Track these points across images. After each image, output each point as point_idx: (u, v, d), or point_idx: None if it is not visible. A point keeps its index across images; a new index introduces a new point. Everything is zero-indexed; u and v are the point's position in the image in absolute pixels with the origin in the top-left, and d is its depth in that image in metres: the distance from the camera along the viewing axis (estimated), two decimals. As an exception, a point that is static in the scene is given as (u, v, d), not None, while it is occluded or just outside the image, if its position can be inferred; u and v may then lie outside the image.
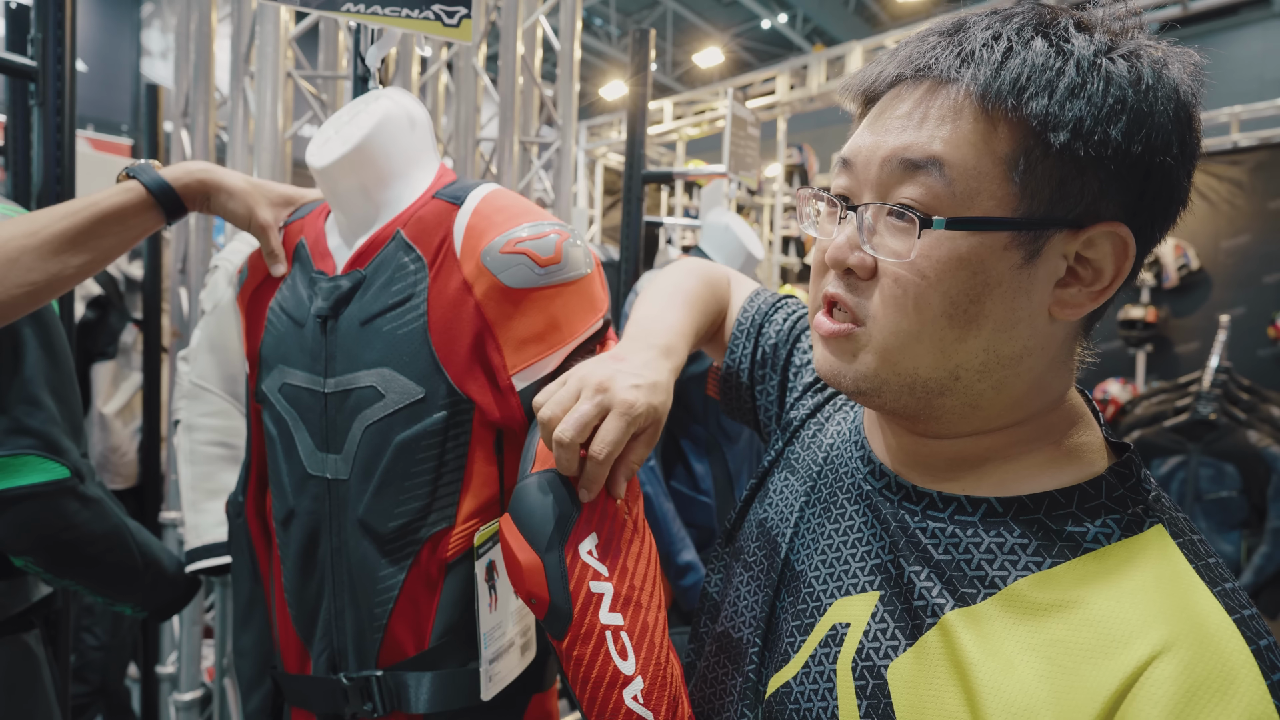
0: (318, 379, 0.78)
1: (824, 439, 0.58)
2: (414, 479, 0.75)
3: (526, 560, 0.55)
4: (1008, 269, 0.41)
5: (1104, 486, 0.43)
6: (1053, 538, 0.42)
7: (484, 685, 0.75)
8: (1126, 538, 0.41)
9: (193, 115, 1.58)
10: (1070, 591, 0.40)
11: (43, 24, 1.05)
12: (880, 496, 0.50)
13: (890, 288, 0.43)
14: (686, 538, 1.43)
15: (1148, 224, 0.42)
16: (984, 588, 0.42)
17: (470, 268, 0.74)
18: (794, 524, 0.55)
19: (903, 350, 0.44)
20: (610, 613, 0.55)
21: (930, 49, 0.43)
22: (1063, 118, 0.39)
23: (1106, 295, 0.43)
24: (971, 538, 0.44)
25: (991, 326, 0.42)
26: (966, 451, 0.47)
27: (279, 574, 0.85)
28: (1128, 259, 0.42)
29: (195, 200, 0.81)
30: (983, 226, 0.41)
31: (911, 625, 0.44)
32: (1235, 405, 2.44)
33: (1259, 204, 3.95)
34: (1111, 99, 0.39)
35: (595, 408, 0.53)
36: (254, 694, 0.91)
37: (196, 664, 1.60)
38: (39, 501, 0.82)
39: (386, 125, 0.78)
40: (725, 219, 1.55)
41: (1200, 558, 0.40)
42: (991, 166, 0.41)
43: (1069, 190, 0.40)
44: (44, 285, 0.71)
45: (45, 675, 0.94)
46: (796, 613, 0.51)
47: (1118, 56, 0.40)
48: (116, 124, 6.71)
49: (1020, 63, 0.40)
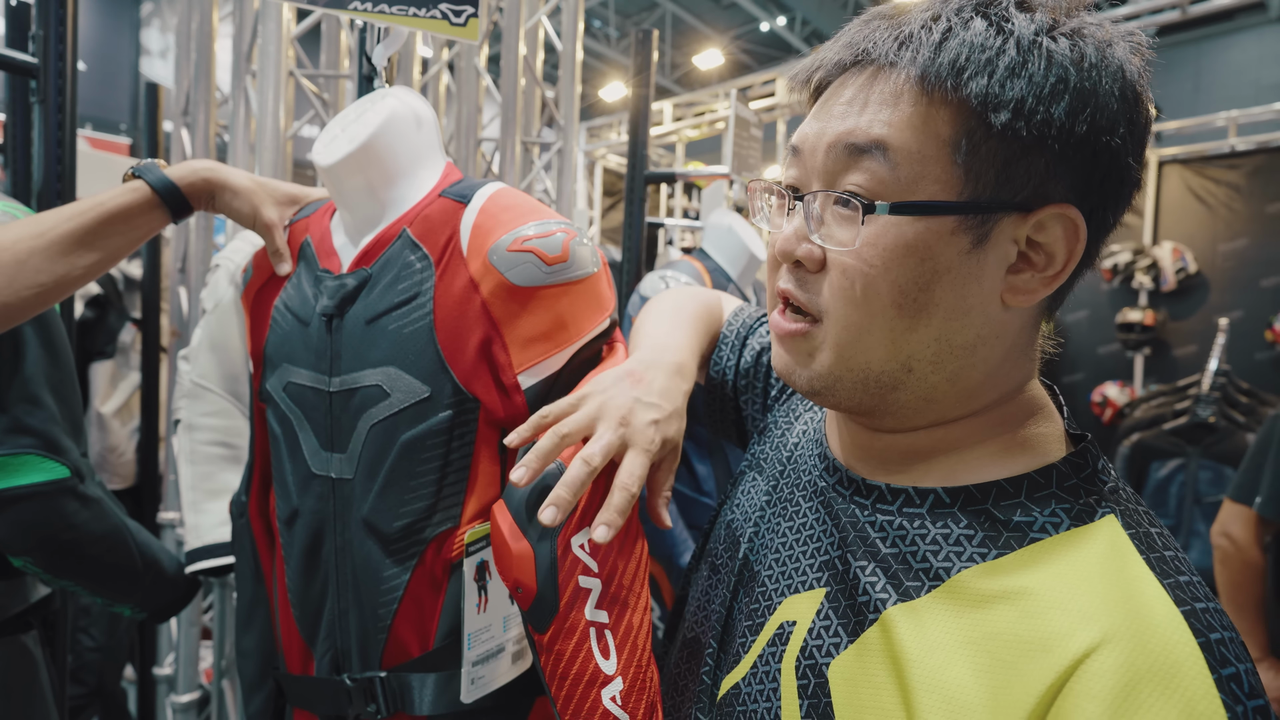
0: (323, 378, 0.78)
1: (790, 438, 0.58)
2: (419, 478, 0.75)
3: (517, 547, 0.54)
4: (956, 255, 0.40)
5: (1055, 475, 0.42)
6: (999, 528, 0.41)
7: (464, 687, 0.74)
8: (1076, 527, 0.40)
9: (193, 114, 1.58)
10: (1013, 582, 0.38)
11: (44, 21, 1.04)
12: (833, 492, 0.49)
13: (838, 279, 0.42)
14: (689, 539, 1.43)
15: (1099, 206, 0.41)
16: (928, 580, 0.41)
17: (477, 266, 0.73)
18: (754, 523, 0.55)
19: (855, 344, 0.43)
20: (596, 609, 0.54)
21: (870, 33, 0.43)
22: (1003, 97, 0.38)
23: (1059, 280, 0.42)
24: (918, 529, 0.43)
25: (942, 315, 0.41)
26: (920, 444, 0.46)
27: (282, 574, 0.85)
28: (1079, 242, 0.41)
29: (201, 199, 0.81)
30: (927, 211, 0.40)
31: (854, 622, 0.43)
32: (1234, 408, 2.45)
33: (1256, 208, 3.97)
34: (1053, 78, 0.38)
35: (619, 440, 0.55)
36: (256, 695, 0.91)
37: (194, 665, 1.59)
38: (39, 501, 0.81)
39: (393, 124, 0.78)
40: (728, 220, 1.55)
41: (1155, 550, 0.38)
42: (934, 150, 0.40)
43: (1014, 172, 0.40)
44: (52, 286, 0.71)
45: (43, 677, 0.93)
46: (749, 612, 0.51)
47: (1060, 35, 0.39)
48: (115, 123, 6.70)
49: (959, 43, 0.39)
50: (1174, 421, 2.47)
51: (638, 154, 1.57)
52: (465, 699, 0.75)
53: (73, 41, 1.06)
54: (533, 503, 0.55)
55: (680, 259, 1.55)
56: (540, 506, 0.52)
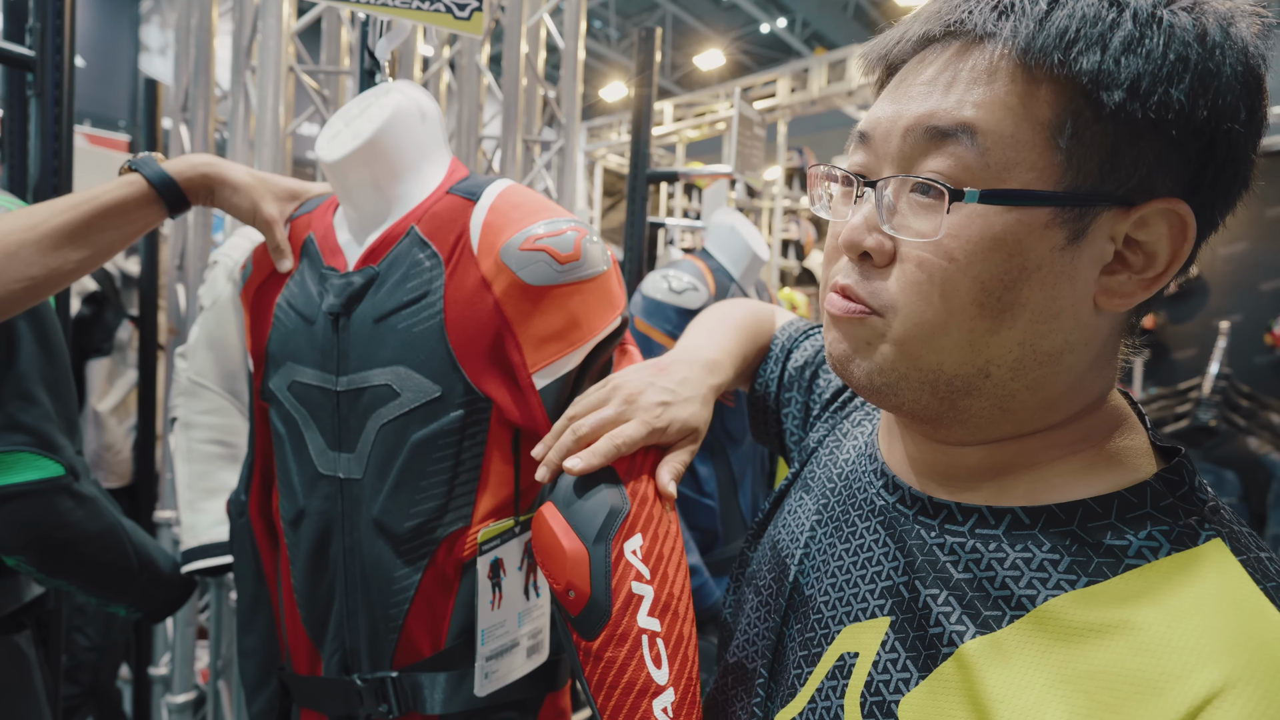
0: (329, 377, 0.77)
1: (840, 455, 0.54)
2: (430, 478, 0.75)
3: (572, 549, 0.53)
4: (1048, 251, 0.36)
5: (1149, 494, 0.37)
6: (1089, 552, 0.37)
7: (478, 681, 0.75)
8: (1178, 552, 0.35)
9: (192, 110, 1.57)
10: (1112, 614, 0.34)
11: (41, 13, 1.03)
12: (894, 512, 0.45)
13: (913, 273, 0.38)
14: (691, 541, 1.42)
15: (1209, 203, 0.37)
16: (1009, 609, 0.37)
17: (489, 265, 0.73)
18: (804, 544, 0.51)
19: (926, 343, 0.39)
20: (649, 617, 0.53)
21: (960, 3, 0.38)
22: (1118, 75, 0.34)
23: (1160, 283, 0.37)
24: (994, 553, 0.39)
25: (1029, 317, 0.37)
26: (992, 459, 0.42)
27: (287, 574, 0.84)
28: (1186, 242, 0.37)
29: (199, 194, 0.80)
30: (1022, 201, 0.36)
31: (925, 655, 0.39)
32: (1235, 412, 2.45)
33: (1257, 211, 3.97)
34: (1174, 55, 0.34)
35: (617, 415, 0.55)
36: (259, 695, 0.91)
37: (190, 665, 1.58)
38: (32, 499, 0.80)
39: (399, 119, 0.77)
40: (731, 220, 1.54)
41: (1270, 578, 0.34)
42: (1031, 134, 0.36)
43: (1122, 161, 0.36)
44: (43, 280, 0.70)
45: (36, 677, 0.92)
46: (804, 641, 0.48)
47: (1179, 9, 0.35)
48: (114, 119, 6.68)
49: (1068, 15, 0.35)
50: (1174, 425, 2.47)
51: (640, 152, 1.56)
52: (479, 693, 0.75)
53: (70, 34, 1.05)
54: (589, 504, 0.54)
55: (683, 258, 1.54)
56: (596, 508, 0.52)
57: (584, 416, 0.56)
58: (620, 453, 0.54)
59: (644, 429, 0.54)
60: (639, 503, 0.55)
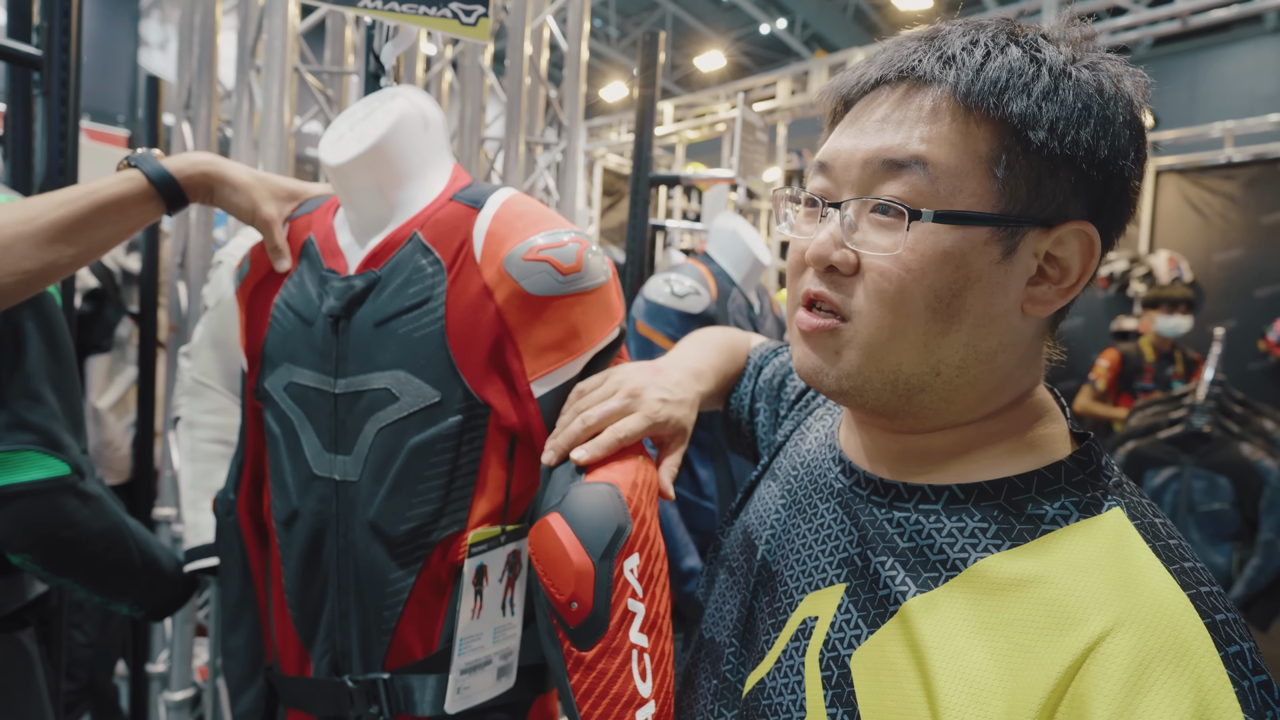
0: (327, 379, 0.77)
1: (804, 447, 0.60)
2: (427, 482, 0.75)
3: (580, 563, 0.55)
4: (987, 264, 0.43)
5: (1063, 471, 0.44)
6: (1012, 520, 0.43)
7: (450, 696, 0.74)
8: (1085, 518, 0.42)
9: (195, 108, 1.57)
10: (1028, 570, 0.41)
11: (49, 12, 1.03)
12: (851, 493, 0.51)
13: (876, 281, 0.44)
14: (690, 544, 1.43)
15: (1108, 226, 0.45)
16: (945, 570, 0.43)
17: (491, 273, 0.73)
18: (770, 526, 0.57)
19: (887, 346, 0.45)
20: (639, 633, 0.56)
21: (911, 52, 0.45)
22: (1040, 118, 0.42)
23: (1074, 293, 0.45)
24: (934, 524, 0.45)
25: (971, 321, 0.44)
26: (935, 445, 0.48)
27: (277, 575, 0.84)
28: (1094, 257, 0.44)
29: (198, 192, 0.80)
30: (968, 221, 0.43)
31: (874, 614, 0.45)
32: (1229, 418, 2.46)
33: (1252, 218, 3.99)
34: (1080, 104, 0.42)
35: (623, 407, 0.62)
36: (244, 694, 0.90)
37: (188, 663, 1.58)
38: (38, 498, 0.80)
39: (403, 125, 0.77)
40: (733, 224, 1.55)
41: (1160, 539, 0.41)
42: (972, 165, 0.43)
43: (1044, 189, 0.43)
44: (38, 273, 0.69)
45: (38, 674, 0.93)
46: (771, 611, 0.53)
47: (1082, 67, 0.43)
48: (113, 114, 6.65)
49: (999, 66, 0.42)
50: (1169, 430, 2.48)
51: (643, 155, 1.57)
52: (449, 709, 0.75)
53: (78, 33, 1.05)
54: (597, 521, 0.57)
55: (685, 262, 1.54)
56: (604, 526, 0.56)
57: (591, 408, 0.63)
58: (622, 445, 0.61)
59: (645, 423, 0.62)
60: (639, 522, 0.58)
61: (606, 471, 0.62)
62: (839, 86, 0.49)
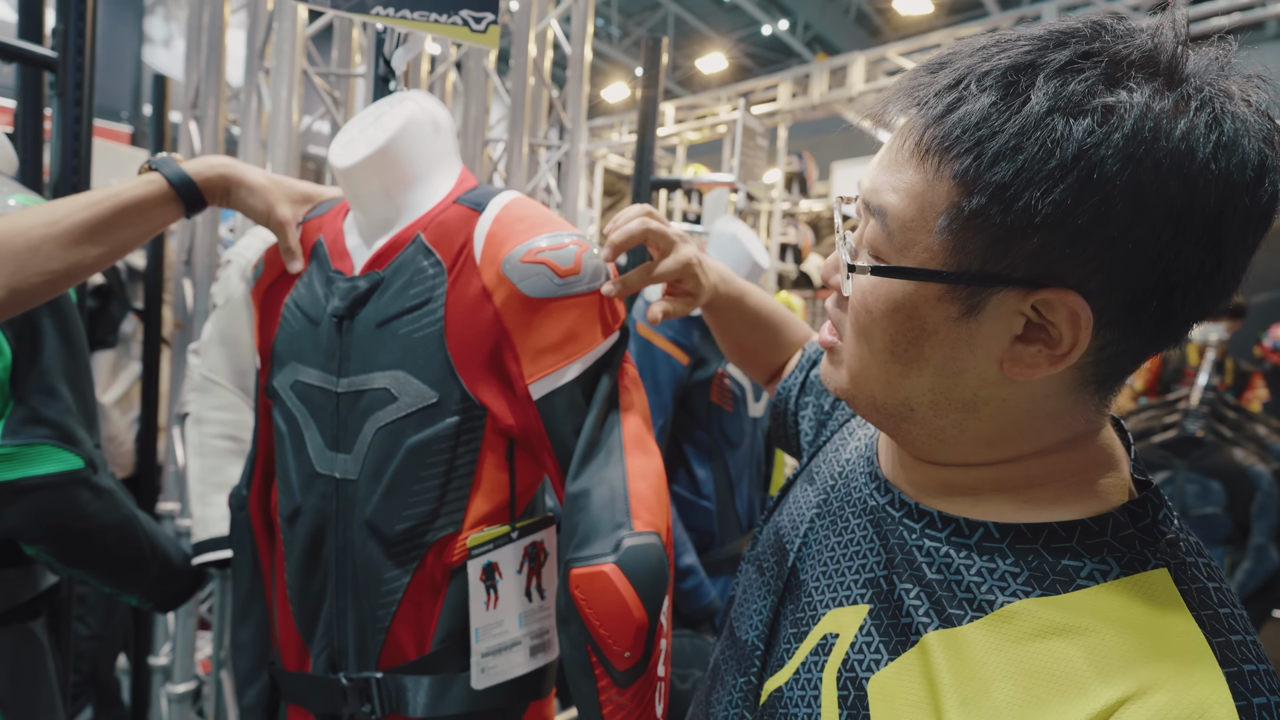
0: (330, 378, 0.78)
1: (844, 454, 0.59)
2: (423, 482, 0.76)
3: (640, 619, 0.61)
4: (944, 320, 0.41)
5: (1111, 524, 0.41)
6: (1045, 569, 0.40)
7: (475, 675, 0.76)
8: (1125, 576, 0.39)
9: (202, 107, 1.58)
10: (1055, 622, 0.38)
11: (64, 15, 1.05)
12: (884, 512, 0.50)
13: (852, 312, 0.45)
14: (688, 542, 1.45)
15: (1112, 304, 0.38)
16: (971, 610, 0.41)
17: (490, 275, 0.74)
18: (803, 533, 0.56)
19: (861, 373, 0.46)
20: (662, 666, 0.61)
21: (902, 89, 0.42)
22: (981, 180, 0.37)
23: (1065, 362, 0.39)
24: (964, 559, 0.43)
25: (933, 370, 0.43)
26: (956, 480, 0.46)
27: (281, 570, 0.85)
28: (1081, 330, 0.38)
29: (215, 194, 0.82)
30: (905, 276, 0.41)
31: (896, 640, 0.44)
32: (1222, 423, 2.48)
33: (1248, 225, 4.00)
34: (1054, 163, 0.35)
35: (643, 230, 0.74)
36: (249, 689, 0.91)
37: (191, 656, 1.60)
38: (53, 491, 0.82)
39: (411, 129, 0.78)
40: (733, 228, 1.57)
41: (1208, 606, 0.37)
42: (926, 219, 0.40)
43: (1004, 251, 0.38)
44: (63, 274, 0.71)
45: (50, 662, 0.95)
46: (795, 620, 0.52)
47: (1087, 112, 0.35)
48: (116, 111, 6.63)
49: (959, 117, 0.38)
50: (1162, 435, 2.50)
51: (645, 159, 1.59)
52: (476, 685, 0.76)
53: (92, 36, 1.07)
54: (658, 579, 0.62)
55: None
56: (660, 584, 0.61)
57: (651, 227, 0.75)
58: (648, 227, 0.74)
59: (680, 261, 0.75)
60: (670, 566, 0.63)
61: (649, 514, 0.68)
62: (870, 112, 0.46)
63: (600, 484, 0.71)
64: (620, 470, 0.72)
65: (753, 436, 1.60)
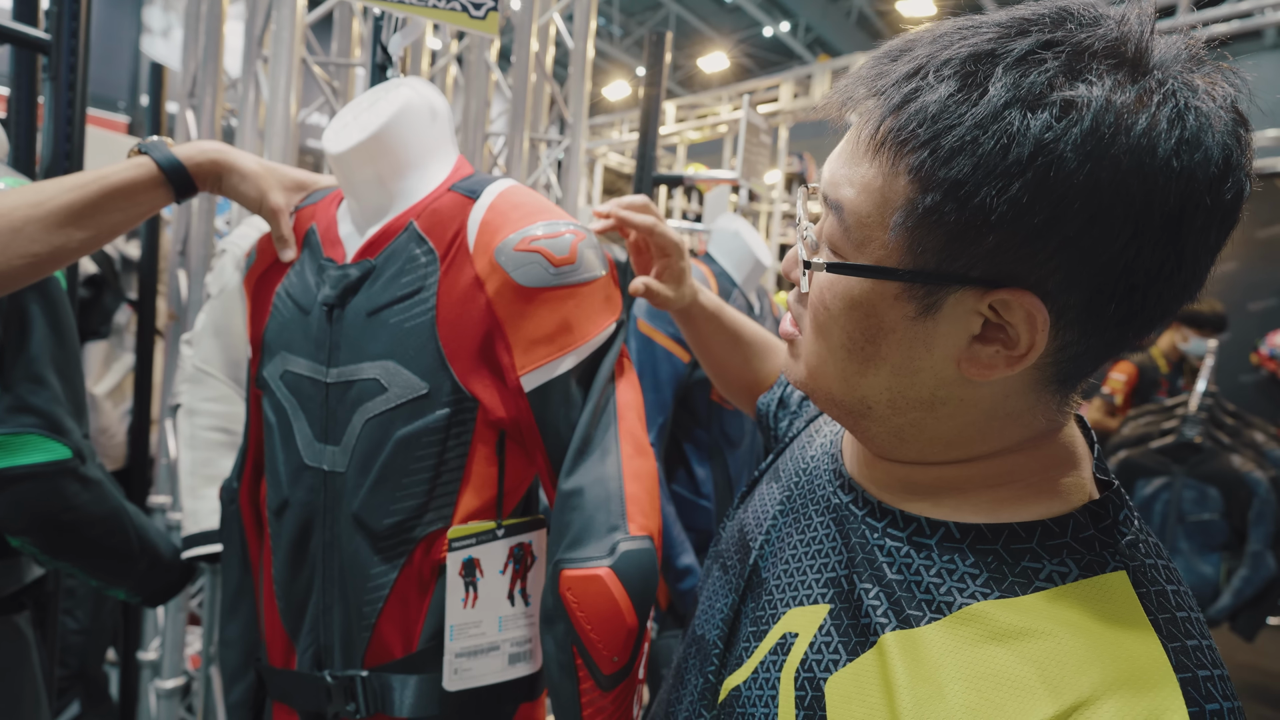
0: (320, 368, 0.77)
1: (809, 451, 0.58)
2: (412, 476, 0.74)
3: (633, 625, 0.61)
4: (901, 318, 0.40)
5: (1071, 525, 0.40)
6: (1005, 570, 0.40)
7: (447, 675, 0.74)
8: (1084, 578, 0.38)
9: (200, 96, 1.56)
10: (1012, 624, 0.38)
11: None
12: (847, 510, 0.49)
13: (811, 308, 0.45)
14: (686, 541, 1.43)
15: (1071, 305, 0.37)
16: (929, 611, 0.40)
17: (483, 264, 0.72)
18: (766, 531, 0.55)
19: (819, 369, 0.45)
20: (642, 669, 0.62)
21: (862, 77, 0.40)
22: (936, 177, 0.35)
23: (1023, 364, 0.38)
24: (924, 559, 0.42)
25: (890, 369, 0.42)
26: (917, 478, 0.46)
27: (269, 564, 0.84)
28: (1038, 331, 0.37)
29: (207, 180, 0.80)
30: (860, 274, 0.40)
31: (854, 641, 0.43)
32: (1220, 429, 2.48)
33: (1247, 233, 4.01)
34: (1010, 160, 0.34)
35: (650, 227, 0.78)
36: (237, 685, 0.90)
37: (180, 651, 1.58)
38: (39, 481, 0.81)
39: (406, 114, 0.77)
40: (735, 225, 1.55)
41: (1165, 610, 0.37)
42: (883, 216, 0.39)
43: (960, 249, 0.37)
44: (46, 257, 0.69)
45: (34, 657, 0.93)
46: (755, 619, 0.52)
47: (1046, 106, 0.34)
48: (113, 100, 6.60)
49: (916, 109, 0.36)
50: (1160, 440, 2.50)
51: (647, 156, 1.58)
52: (448, 686, 0.74)
53: (87, 18, 1.05)
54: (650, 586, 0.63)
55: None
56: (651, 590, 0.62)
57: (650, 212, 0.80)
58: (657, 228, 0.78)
59: (672, 238, 0.79)
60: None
61: (643, 517, 0.68)
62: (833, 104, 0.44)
63: (595, 483, 0.69)
64: (616, 470, 0.70)
65: (753, 436, 1.59)
